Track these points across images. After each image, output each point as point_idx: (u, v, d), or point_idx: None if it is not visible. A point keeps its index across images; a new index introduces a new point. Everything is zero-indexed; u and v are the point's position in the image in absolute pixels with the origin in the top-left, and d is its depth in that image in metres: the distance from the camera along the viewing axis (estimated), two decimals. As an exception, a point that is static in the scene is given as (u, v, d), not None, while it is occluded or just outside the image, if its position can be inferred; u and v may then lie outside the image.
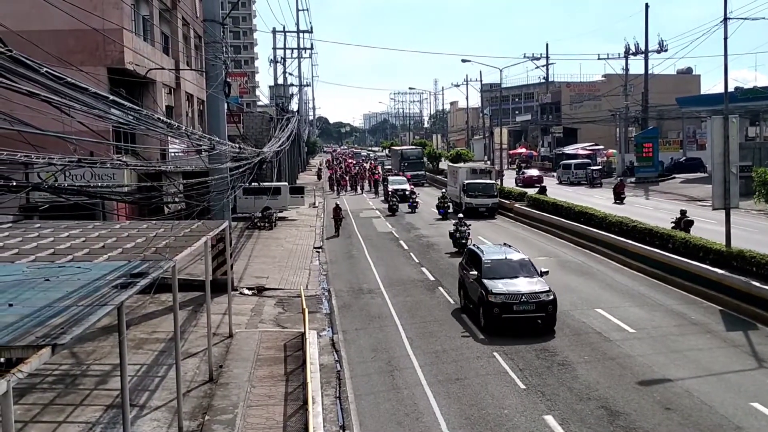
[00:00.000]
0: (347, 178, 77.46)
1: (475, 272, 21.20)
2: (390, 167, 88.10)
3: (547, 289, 20.31)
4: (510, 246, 24.11)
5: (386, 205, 53.73)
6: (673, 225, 30.27)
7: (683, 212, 30.92)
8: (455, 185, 50.68)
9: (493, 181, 49.08)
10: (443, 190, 53.25)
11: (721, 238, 24.85)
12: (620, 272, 27.88)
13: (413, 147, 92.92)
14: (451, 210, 46.05)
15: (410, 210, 51.31)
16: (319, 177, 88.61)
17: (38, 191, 14.78)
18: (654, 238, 28.61)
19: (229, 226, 23.08)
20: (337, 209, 41.37)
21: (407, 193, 55.58)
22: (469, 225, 34.25)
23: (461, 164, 61.70)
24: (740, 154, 26.43)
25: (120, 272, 10.71)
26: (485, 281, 20.59)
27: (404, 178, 63.78)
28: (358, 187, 73.50)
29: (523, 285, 20.54)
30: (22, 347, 7.26)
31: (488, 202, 46.90)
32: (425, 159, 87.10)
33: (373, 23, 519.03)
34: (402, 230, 41.64)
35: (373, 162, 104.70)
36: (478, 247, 23.67)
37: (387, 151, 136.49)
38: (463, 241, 32.40)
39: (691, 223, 30.01)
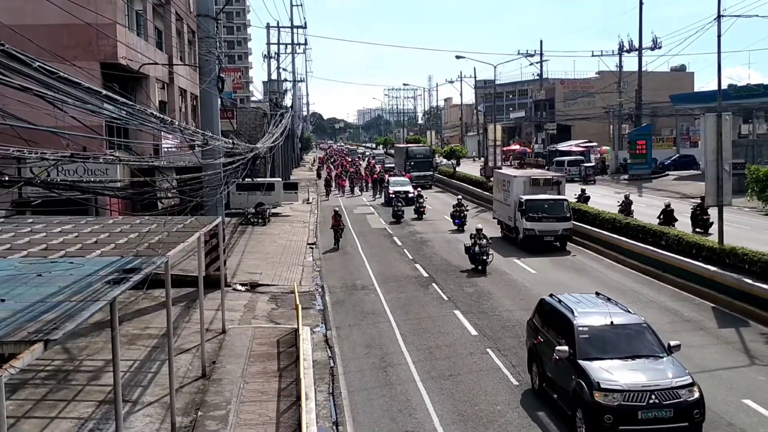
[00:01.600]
0: (345, 177, 70.91)
1: (565, 348, 13.54)
2: (391, 166, 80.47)
3: (689, 380, 12.91)
4: (609, 299, 15.97)
5: (388, 208, 48.58)
6: (576, 199, 39.28)
7: (583, 190, 42.39)
8: (506, 201, 35.70)
9: (564, 197, 33.95)
10: (459, 197, 44.25)
11: (714, 235, 24.92)
12: (613, 269, 27.94)
13: (420, 145, 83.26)
14: (499, 234, 35.72)
15: (417, 216, 44.55)
16: (319, 176, 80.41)
17: (31, 186, 14.73)
18: (647, 235, 28.66)
19: (223, 222, 23.04)
20: (337, 217, 34.87)
21: (410, 195, 49.52)
22: (490, 240, 28.70)
23: (514, 171, 46.46)
24: (733, 152, 26.55)
25: (113, 268, 10.68)
26: (584, 365, 13.15)
27: (406, 179, 57.49)
28: (356, 188, 66.87)
29: (648, 373, 13.05)
30: (15, 342, 7.24)
31: (558, 228, 32.12)
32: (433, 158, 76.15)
33: (368, 19, 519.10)
34: (396, 227, 41.59)
35: (371, 160, 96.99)
36: (559, 300, 15.46)
37: (383, 147, 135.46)
38: (484, 258, 27.55)
39: (588, 198, 40.87)
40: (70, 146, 12.99)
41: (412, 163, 68.58)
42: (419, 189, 49.81)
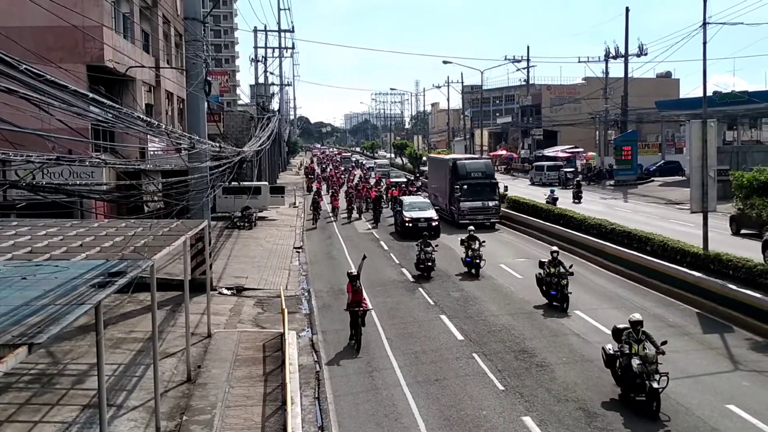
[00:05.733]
0: (337, 195, 54.62)
1: None
2: (399, 181, 62.65)
3: None
4: None
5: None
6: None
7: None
8: None
9: None
10: (554, 249, 24.07)
11: (699, 241, 25.06)
12: (598, 274, 28.02)
13: (475, 157, 54.52)
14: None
15: (469, 270, 28.27)
16: (309, 189, 67.62)
17: (16, 189, 14.65)
18: (632, 240, 28.81)
19: (209, 226, 22.98)
20: (356, 287, 19.71)
21: (434, 224, 37.75)
22: (662, 347, 14.84)
23: None
24: (718, 158, 26.73)
25: (98, 271, 10.63)
26: None
27: (426, 200, 43.14)
28: (354, 210, 49.68)
29: None
30: (-2, 346, 7.19)
31: None
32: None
33: (356, 23, 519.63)
34: (382, 231, 41.57)
35: (377, 173, 78.63)
36: None
37: (371, 152, 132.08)
38: (653, 384, 14.18)
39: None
40: (55, 149, 12.95)
41: (466, 186, 42.11)
42: (471, 229, 29.47)
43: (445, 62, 78.21)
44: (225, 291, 25.53)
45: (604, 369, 16.94)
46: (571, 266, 23.20)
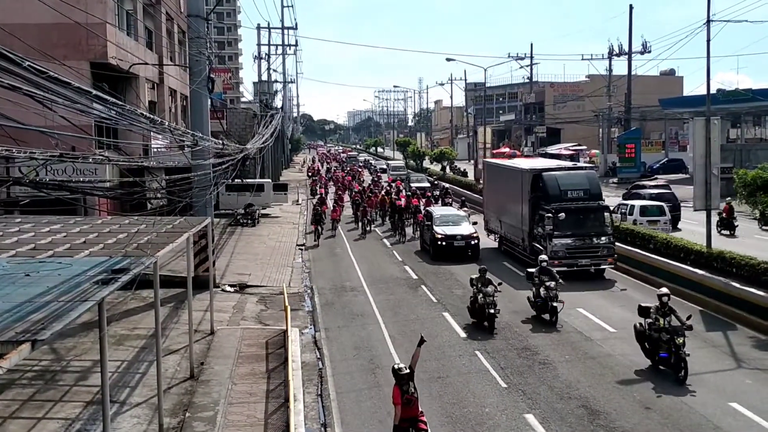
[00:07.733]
0: (340, 203, 45.48)
1: None
2: (420, 185, 55.07)
3: None
4: None
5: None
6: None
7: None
8: None
9: None
10: (663, 292, 17.25)
11: (702, 239, 25.01)
12: (603, 272, 27.96)
13: (566, 165, 34.40)
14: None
15: (539, 315, 21.25)
16: (313, 192, 59.91)
17: (19, 186, 14.64)
18: (635, 238, 28.75)
19: (212, 223, 22.97)
20: (407, 385, 12.10)
21: (473, 242, 30.35)
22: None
23: None
24: (722, 156, 26.72)
25: (101, 268, 10.63)
26: None
27: (461, 212, 35.77)
28: (366, 221, 40.55)
29: None
30: (2, 343, 7.19)
31: None
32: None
33: (359, 20, 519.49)
34: (386, 229, 41.53)
35: (390, 176, 69.32)
36: None
37: (375, 149, 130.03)
38: None
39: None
40: (59, 146, 12.94)
41: (563, 214, 26.60)
42: (543, 259, 22.45)
43: (448, 60, 77.59)
44: (228, 288, 25.55)
45: (606, 366, 16.98)
46: (689, 317, 16.77)
